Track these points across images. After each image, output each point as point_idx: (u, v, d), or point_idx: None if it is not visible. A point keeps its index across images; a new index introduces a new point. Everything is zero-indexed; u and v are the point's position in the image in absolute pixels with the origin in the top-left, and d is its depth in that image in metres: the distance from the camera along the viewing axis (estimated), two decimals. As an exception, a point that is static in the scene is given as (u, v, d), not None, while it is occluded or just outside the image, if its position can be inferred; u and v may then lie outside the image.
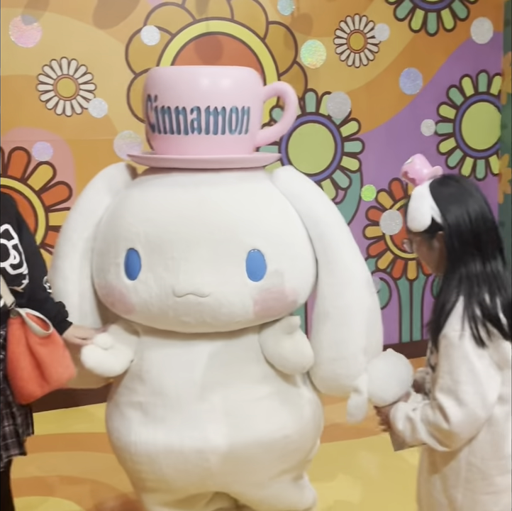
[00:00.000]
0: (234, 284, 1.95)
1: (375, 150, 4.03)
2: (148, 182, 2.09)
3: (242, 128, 2.07)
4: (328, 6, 3.80)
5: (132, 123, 3.58)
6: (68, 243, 2.12)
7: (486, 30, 4.11)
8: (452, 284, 1.55)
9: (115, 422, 2.11)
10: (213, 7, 3.61)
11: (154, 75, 2.09)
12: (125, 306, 2.03)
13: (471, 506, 1.57)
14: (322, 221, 2.07)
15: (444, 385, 1.51)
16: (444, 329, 1.51)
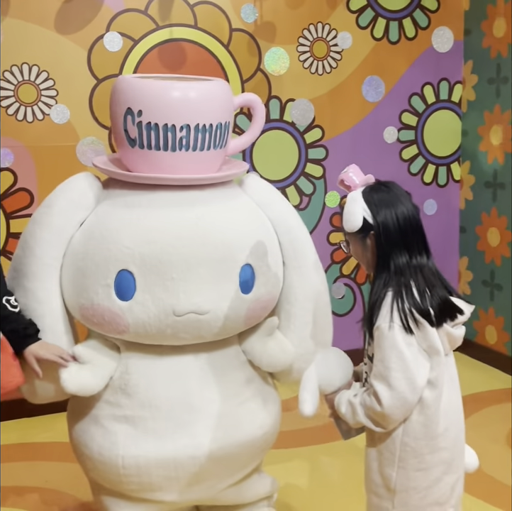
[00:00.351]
0: (230, 300, 2.04)
1: (339, 156, 4.05)
2: (135, 200, 2.04)
3: (223, 143, 2.12)
4: (291, 13, 3.83)
5: (94, 129, 3.55)
6: (39, 263, 2.05)
7: (446, 38, 4.18)
8: (382, 279, 1.71)
9: (96, 437, 2.09)
10: (176, 14, 3.61)
11: (137, 88, 2.02)
12: (117, 327, 2.02)
13: (403, 482, 1.72)
14: (293, 228, 2.21)
15: (377, 371, 1.66)
16: (376, 322, 1.67)
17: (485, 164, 4.16)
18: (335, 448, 3.19)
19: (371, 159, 4.09)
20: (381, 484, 1.75)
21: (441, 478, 1.74)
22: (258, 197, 2.20)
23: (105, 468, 2.10)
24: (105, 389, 2.09)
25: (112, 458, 2.07)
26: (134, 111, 2.00)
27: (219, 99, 2.08)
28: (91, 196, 2.09)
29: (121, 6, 3.51)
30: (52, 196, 2.12)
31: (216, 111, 2.06)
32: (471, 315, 1.82)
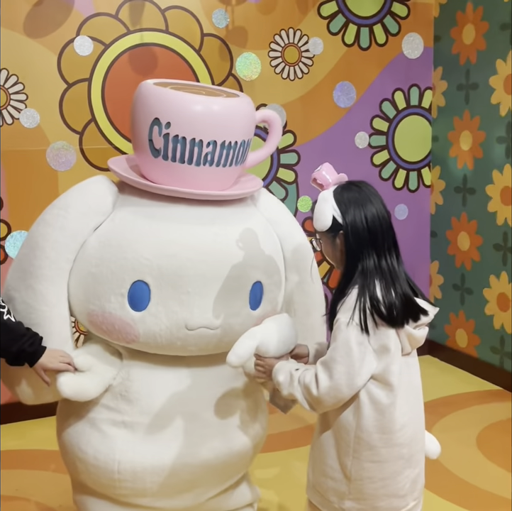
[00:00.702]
0: (240, 316, 2.07)
1: (310, 161, 4.07)
2: (156, 212, 2.03)
3: (244, 159, 2.13)
4: (263, 19, 3.84)
5: (65, 133, 3.53)
6: (52, 266, 2.02)
7: (416, 45, 4.23)
8: (349, 277, 1.75)
9: (92, 440, 2.08)
10: (147, 18, 3.60)
11: (168, 99, 1.98)
12: (126, 336, 2.02)
13: (358, 472, 1.77)
14: (299, 245, 2.25)
15: (325, 359, 1.72)
16: (337, 315, 1.72)
17: (455, 169, 4.20)
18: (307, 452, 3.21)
19: (343, 164, 4.07)
20: (338, 469, 1.79)
21: (400, 472, 1.79)
22: (268, 213, 2.23)
23: (98, 472, 2.08)
24: (104, 394, 2.08)
25: (108, 462, 2.06)
26: (162, 122, 1.97)
27: (246, 116, 2.08)
28: (108, 201, 2.07)
29: (91, 10, 3.50)
30: (69, 198, 2.08)
31: (242, 128, 2.06)
32: (443, 319, 1.85)
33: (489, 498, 2.79)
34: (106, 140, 3.62)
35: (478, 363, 4.10)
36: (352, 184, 1.81)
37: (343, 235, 1.74)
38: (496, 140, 3.88)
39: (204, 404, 2.11)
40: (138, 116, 2.04)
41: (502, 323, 3.95)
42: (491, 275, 4.00)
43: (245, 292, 2.07)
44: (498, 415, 3.55)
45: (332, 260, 1.84)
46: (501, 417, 3.53)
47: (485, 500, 2.77)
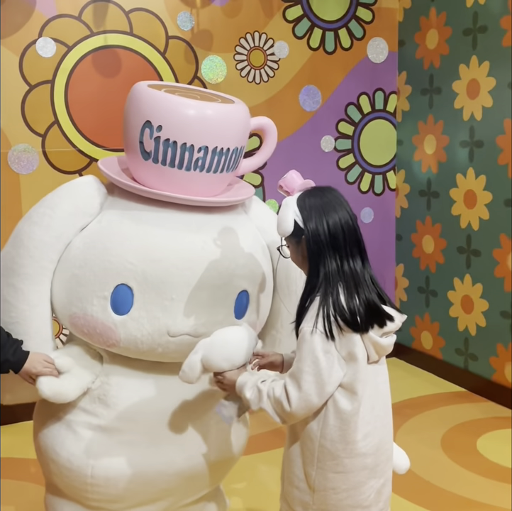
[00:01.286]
0: (224, 325, 1.99)
1: (277, 165, 4.05)
2: (143, 216, 1.99)
3: (236, 166, 2.10)
4: (228, 22, 3.83)
5: (27, 135, 3.48)
6: (35, 266, 1.97)
7: (381, 49, 4.26)
8: (312, 284, 1.73)
9: (66, 442, 2.05)
10: (110, 20, 3.57)
11: (160, 102, 1.94)
12: (107, 340, 1.98)
13: (322, 482, 1.75)
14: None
15: (292, 371, 1.69)
16: (301, 324, 1.69)
17: (419, 173, 4.24)
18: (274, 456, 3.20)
19: (309, 167, 4.12)
20: (303, 479, 1.78)
21: (364, 482, 1.76)
22: (258, 222, 2.20)
23: (71, 475, 2.05)
24: (82, 396, 2.04)
25: (81, 466, 2.02)
26: (154, 125, 1.93)
27: (240, 123, 2.03)
28: (96, 202, 2.03)
29: (54, 11, 3.45)
30: (56, 198, 2.03)
31: (236, 135, 2.02)
32: (408, 321, 1.83)
33: (453, 499, 2.81)
34: (70, 142, 3.57)
35: (443, 365, 4.14)
36: (316, 190, 1.80)
37: (305, 241, 1.73)
38: (460, 145, 3.92)
39: (183, 412, 2.08)
40: (130, 118, 2.01)
41: (466, 325, 3.99)
42: (455, 277, 4.04)
43: (231, 300, 2.04)
44: (463, 417, 3.59)
45: (297, 264, 1.84)
46: (465, 419, 3.56)
47: (449, 502, 2.79)
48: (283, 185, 1.82)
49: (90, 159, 3.58)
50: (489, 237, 3.78)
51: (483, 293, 3.86)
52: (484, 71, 3.71)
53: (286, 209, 1.76)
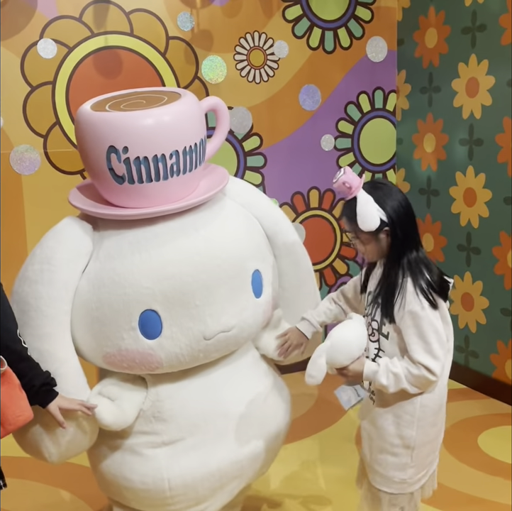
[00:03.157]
0: (249, 309, 2.10)
1: (277, 164, 4.09)
2: (140, 237, 1.98)
3: (204, 156, 2.12)
4: (228, 22, 3.84)
5: (28, 137, 3.50)
6: (53, 324, 1.95)
7: (380, 48, 4.27)
8: (396, 270, 1.93)
9: (136, 467, 2.07)
10: (111, 21, 3.59)
11: (118, 124, 1.91)
12: (149, 365, 2.01)
13: (421, 439, 1.99)
14: (279, 220, 2.30)
15: (419, 348, 1.90)
16: (405, 307, 1.90)
17: (419, 171, 4.26)
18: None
19: (309, 166, 4.14)
20: (399, 444, 1.99)
21: (441, 429, 2.07)
22: (242, 199, 2.24)
23: (149, 495, 2.08)
24: (136, 420, 2.07)
25: (157, 483, 2.06)
26: (118, 148, 1.90)
27: (197, 115, 2.05)
28: (87, 241, 2.00)
29: (55, 12, 3.47)
30: (47, 250, 1.99)
31: (197, 128, 2.04)
32: None
33: (454, 495, 2.83)
34: (71, 143, 3.59)
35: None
36: (379, 183, 1.98)
37: (389, 232, 1.91)
38: (459, 143, 3.93)
39: (234, 399, 2.15)
40: (90, 147, 1.96)
41: (466, 322, 4.01)
42: (455, 275, 4.05)
43: (247, 284, 2.09)
44: (464, 413, 3.60)
45: (372, 254, 1.97)
46: (466, 415, 3.58)
47: (450, 497, 2.81)
48: (346, 181, 1.91)
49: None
50: (489, 235, 3.80)
51: (483, 291, 3.88)
52: (483, 69, 3.72)
53: (368, 206, 1.89)
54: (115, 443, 2.11)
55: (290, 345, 2.21)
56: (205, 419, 2.10)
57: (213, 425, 2.11)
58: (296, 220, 4.20)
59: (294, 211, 4.19)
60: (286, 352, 2.23)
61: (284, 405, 2.33)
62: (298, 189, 4.16)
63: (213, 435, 2.11)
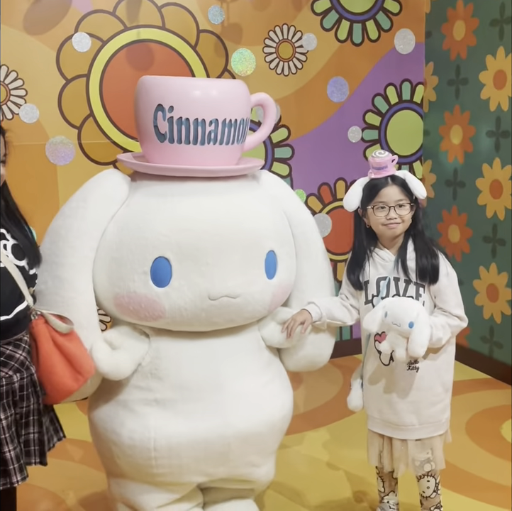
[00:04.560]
0: (258, 284, 2.16)
1: (304, 155, 4.15)
2: (167, 190, 2.12)
3: (243, 138, 2.24)
4: (257, 15, 3.90)
5: (63, 128, 3.60)
6: (77, 255, 2.08)
7: (408, 40, 4.30)
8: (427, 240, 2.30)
9: (126, 422, 2.16)
10: (143, 15, 3.66)
11: (168, 85, 2.11)
12: (153, 313, 2.09)
13: (452, 378, 2.40)
14: (305, 220, 2.39)
15: (454, 303, 2.26)
16: (441, 271, 2.24)
17: (446, 163, 4.28)
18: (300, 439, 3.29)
19: (336, 158, 4.19)
20: (442, 391, 2.34)
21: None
22: (273, 191, 2.33)
23: (135, 453, 2.15)
24: (134, 375, 2.16)
25: (143, 440, 2.13)
26: (165, 107, 2.08)
27: (242, 96, 2.21)
28: (123, 189, 2.16)
29: (89, 7, 3.55)
30: (85, 191, 2.16)
31: (240, 107, 2.18)
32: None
33: (478, 481, 2.89)
34: (104, 134, 3.69)
35: (468, 353, 4.19)
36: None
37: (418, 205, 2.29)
38: (486, 134, 3.96)
39: (231, 375, 2.19)
40: (142, 107, 2.15)
41: (491, 313, 4.04)
42: (480, 266, 4.08)
43: (260, 260, 2.16)
44: (487, 403, 3.65)
45: (407, 224, 2.26)
46: (489, 405, 3.62)
47: (474, 484, 2.87)
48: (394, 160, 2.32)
49: (124, 150, 3.69)
50: (515, 226, 3.82)
51: (508, 282, 3.91)
52: (511, 62, 3.74)
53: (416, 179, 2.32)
54: (111, 397, 2.20)
55: (294, 321, 2.26)
56: (199, 387, 2.16)
57: (206, 395, 2.16)
58: (323, 211, 4.25)
59: (321, 201, 4.24)
60: (290, 330, 2.26)
61: (284, 398, 2.34)
62: (325, 180, 4.21)
63: (205, 405, 2.15)
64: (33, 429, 1.90)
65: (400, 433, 2.33)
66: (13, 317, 1.82)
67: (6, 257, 1.84)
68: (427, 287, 2.25)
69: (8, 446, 1.80)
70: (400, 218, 2.23)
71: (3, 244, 1.87)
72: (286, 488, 2.83)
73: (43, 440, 1.92)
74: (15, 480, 1.83)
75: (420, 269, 2.24)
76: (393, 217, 2.22)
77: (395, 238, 2.28)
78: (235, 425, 2.18)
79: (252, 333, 2.29)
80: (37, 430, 1.90)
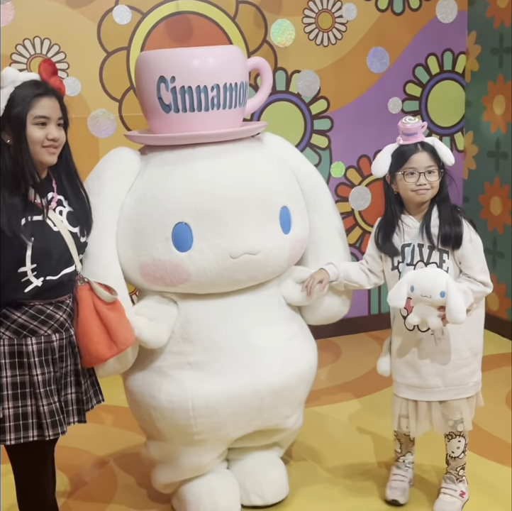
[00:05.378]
0: (276, 240, 2.25)
1: (344, 127, 4.13)
2: (179, 158, 2.20)
3: (244, 101, 2.32)
4: (297, -15, 3.88)
5: (105, 101, 3.64)
6: (99, 228, 2.14)
7: (450, 9, 4.22)
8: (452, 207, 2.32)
9: (163, 386, 2.24)
10: (183, -13, 3.67)
11: (167, 57, 2.19)
12: (179, 277, 2.18)
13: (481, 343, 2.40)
14: (312, 175, 2.48)
15: (479, 269, 2.28)
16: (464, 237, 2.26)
17: (488, 134, 4.22)
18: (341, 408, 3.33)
19: (376, 129, 4.15)
20: (469, 355, 2.35)
21: None
22: (278, 150, 2.42)
23: (174, 415, 2.24)
24: (167, 341, 2.25)
25: (182, 402, 2.22)
26: (167, 78, 2.16)
27: (239, 60, 2.29)
28: (135, 162, 2.25)
29: (129, -21, 3.58)
30: (99, 168, 2.25)
31: (238, 71, 2.26)
32: None
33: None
34: (144, 107, 3.72)
35: (509, 326, 4.16)
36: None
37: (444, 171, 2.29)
38: (530, 104, 3.89)
39: (259, 332, 2.28)
40: (145, 81, 2.23)
41: (533, 286, 4.00)
42: (522, 238, 4.04)
43: (275, 216, 2.24)
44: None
45: (435, 191, 2.27)
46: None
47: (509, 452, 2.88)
48: (424, 126, 2.31)
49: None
50: (559, 197, 3.76)
51: (551, 254, 3.86)
52: (557, 29, 3.66)
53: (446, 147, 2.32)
54: (145, 365, 2.28)
55: (313, 280, 2.34)
56: (229, 346, 2.24)
57: (237, 354, 2.24)
58: (362, 183, 4.23)
59: (360, 174, 4.23)
60: (309, 288, 2.34)
61: (309, 350, 2.43)
62: (365, 152, 4.19)
63: (236, 363, 2.24)
64: (71, 390, 1.97)
65: (425, 396, 2.37)
66: (58, 278, 1.90)
67: (60, 223, 1.93)
68: (451, 253, 2.28)
69: (42, 400, 1.88)
70: (429, 184, 2.25)
71: (59, 210, 1.95)
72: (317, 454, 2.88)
73: (81, 399, 1.99)
74: (47, 434, 1.91)
75: (442, 235, 2.26)
76: (423, 183, 2.24)
77: (421, 205, 2.30)
78: (267, 380, 2.26)
79: (273, 292, 2.37)
80: (74, 391, 1.98)
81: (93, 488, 2.71)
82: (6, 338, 1.87)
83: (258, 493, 2.46)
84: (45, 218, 1.89)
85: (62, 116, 1.92)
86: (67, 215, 1.97)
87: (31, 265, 1.84)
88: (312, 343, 2.48)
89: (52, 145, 1.88)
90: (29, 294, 1.86)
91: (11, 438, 1.88)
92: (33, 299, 1.88)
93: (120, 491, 2.67)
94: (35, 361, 1.87)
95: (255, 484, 2.47)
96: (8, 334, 1.87)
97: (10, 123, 1.84)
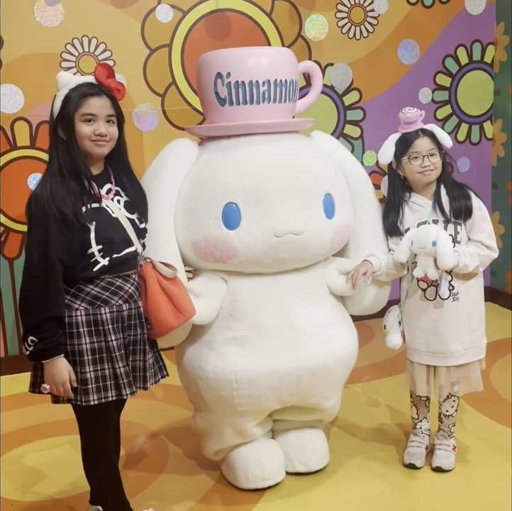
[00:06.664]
0: (319, 222, 2.39)
1: (375, 117, 4.26)
2: (231, 145, 2.40)
3: (294, 98, 2.51)
4: (330, -19, 4.01)
5: (148, 96, 3.83)
6: (160, 208, 2.35)
7: (479, 1, 4.32)
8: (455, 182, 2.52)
9: (210, 359, 2.42)
10: (222, -15, 3.83)
11: (224, 55, 2.40)
12: (227, 252, 2.35)
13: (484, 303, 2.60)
14: (358, 170, 2.62)
15: (487, 235, 2.50)
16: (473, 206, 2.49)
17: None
18: (373, 386, 3.47)
19: (407, 119, 4.27)
20: (480, 318, 2.57)
21: None
22: (327, 145, 2.58)
23: (218, 385, 2.41)
24: (216, 316, 2.44)
25: (226, 374, 2.39)
26: (223, 73, 2.37)
27: (289, 60, 2.49)
28: (192, 151, 2.46)
29: (171, -21, 3.74)
30: (160, 156, 2.46)
31: (288, 69, 2.45)
32: (503, 267, 2.43)
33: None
34: (186, 101, 3.90)
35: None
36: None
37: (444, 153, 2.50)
38: (558, 93, 3.97)
39: (302, 314, 2.43)
40: (204, 78, 2.44)
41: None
42: (550, 223, 4.12)
43: (319, 201, 2.39)
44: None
45: (439, 171, 2.46)
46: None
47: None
48: (422, 115, 2.49)
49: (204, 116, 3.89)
50: None
51: None
52: None
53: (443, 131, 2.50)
54: (195, 339, 2.47)
55: (357, 272, 2.48)
56: (273, 325, 2.39)
57: (280, 333, 2.39)
58: (394, 171, 4.36)
59: (392, 162, 4.35)
60: (354, 280, 2.48)
61: (350, 337, 2.54)
62: (396, 142, 4.31)
63: (278, 342, 2.39)
64: (139, 357, 2.15)
65: (447, 361, 2.55)
66: (122, 256, 2.09)
67: (118, 210, 2.11)
68: (464, 224, 2.50)
69: (118, 363, 2.08)
70: (433, 165, 2.46)
71: (117, 199, 2.14)
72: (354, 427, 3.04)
73: (147, 367, 2.17)
74: (124, 393, 2.09)
75: (454, 209, 2.48)
76: (427, 165, 2.46)
77: (428, 185, 2.50)
78: (306, 359, 2.40)
79: (318, 278, 2.51)
80: (142, 358, 2.16)
81: (147, 458, 2.90)
82: (82, 309, 2.06)
83: (301, 461, 2.63)
84: (101, 205, 2.07)
85: (113, 114, 2.09)
86: (125, 203, 2.15)
87: (97, 247, 2.03)
88: (353, 331, 2.59)
89: (100, 139, 2.06)
90: (97, 272, 2.06)
91: (94, 398, 2.06)
92: (102, 274, 2.08)
93: (171, 460, 2.85)
94: (109, 328, 2.06)
95: (299, 452, 2.63)
96: (84, 305, 2.06)
97: (63, 121, 2.04)
